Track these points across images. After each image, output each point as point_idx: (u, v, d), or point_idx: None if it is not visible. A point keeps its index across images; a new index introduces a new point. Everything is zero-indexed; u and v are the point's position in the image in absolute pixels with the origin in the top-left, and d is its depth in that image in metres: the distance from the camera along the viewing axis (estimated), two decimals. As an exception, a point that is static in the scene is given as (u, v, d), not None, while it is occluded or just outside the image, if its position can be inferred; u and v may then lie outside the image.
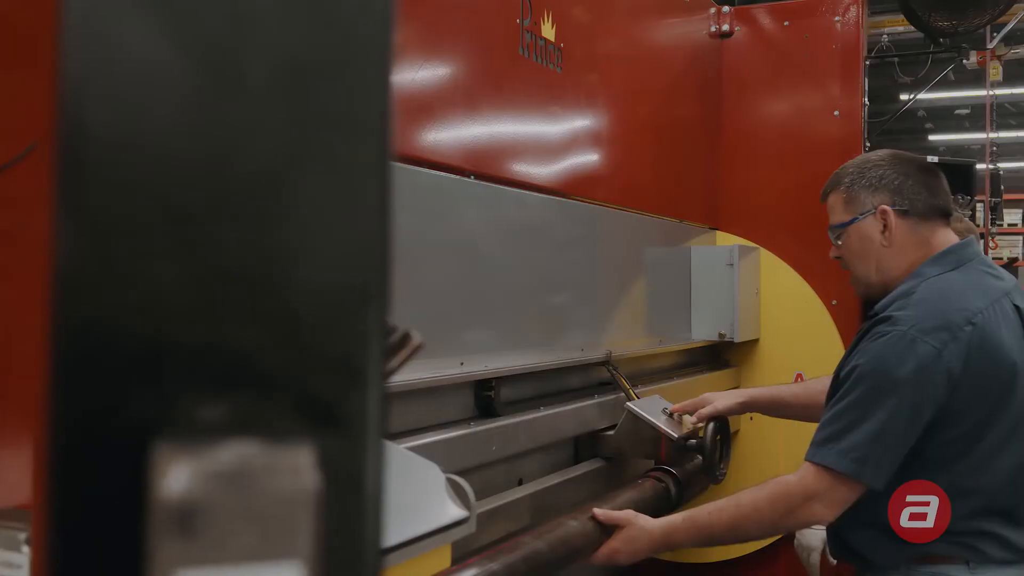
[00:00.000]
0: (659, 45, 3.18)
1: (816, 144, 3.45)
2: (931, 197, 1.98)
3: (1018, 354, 1.83)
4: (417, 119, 1.86)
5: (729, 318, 3.27)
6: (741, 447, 3.51)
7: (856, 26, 3.48)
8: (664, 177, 3.20)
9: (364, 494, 0.33)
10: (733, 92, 3.65)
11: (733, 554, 3.49)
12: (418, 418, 1.82)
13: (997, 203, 9.09)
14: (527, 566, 1.72)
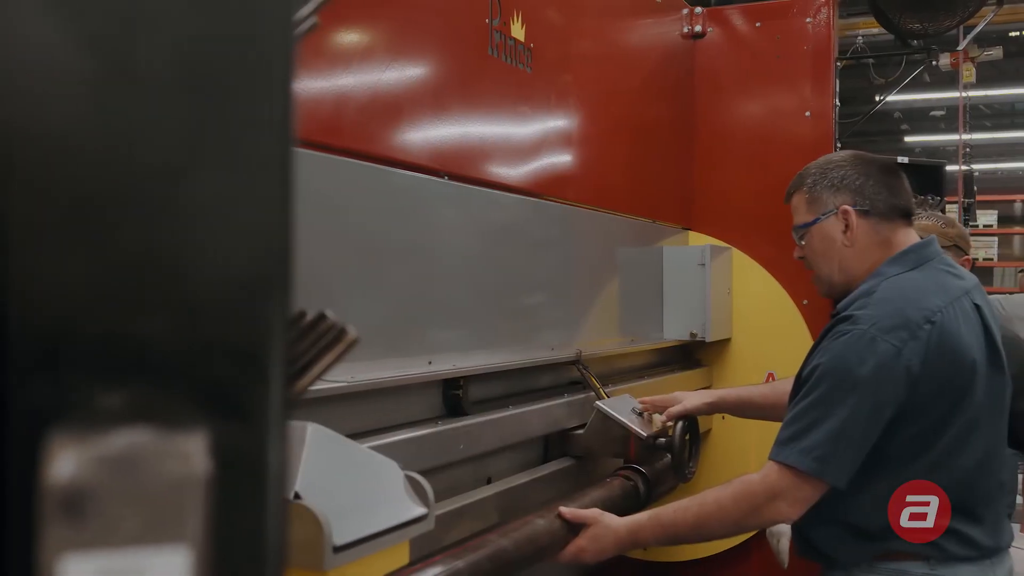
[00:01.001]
0: (631, 45, 3.19)
1: (788, 145, 3.47)
2: (892, 197, 2.00)
3: (977, 352, 1.85)
4: (385, 119, 1.86)
5: (701, 318, 3.28)
6: (712, 446, 3.53)
7: (827, 27, 3.51)
8: (637, 177, 3.22)
9: (265, 480, 0.33)
10: (706, 93, 3.67)
11: (705, 552, 3.51)
12: (385, 417, 1.82)
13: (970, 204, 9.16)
14: (492, 564, 1.72)
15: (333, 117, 1.72)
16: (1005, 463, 1.94)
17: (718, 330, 3.38)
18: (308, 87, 1.68)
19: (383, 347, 1.85)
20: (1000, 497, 1.91)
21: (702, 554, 3.52)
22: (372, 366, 1.78)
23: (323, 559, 0.95)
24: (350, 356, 1.76)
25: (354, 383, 1.66)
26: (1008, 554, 1.93)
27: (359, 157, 1.79)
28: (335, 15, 1.75)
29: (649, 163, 3.33)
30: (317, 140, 1.68)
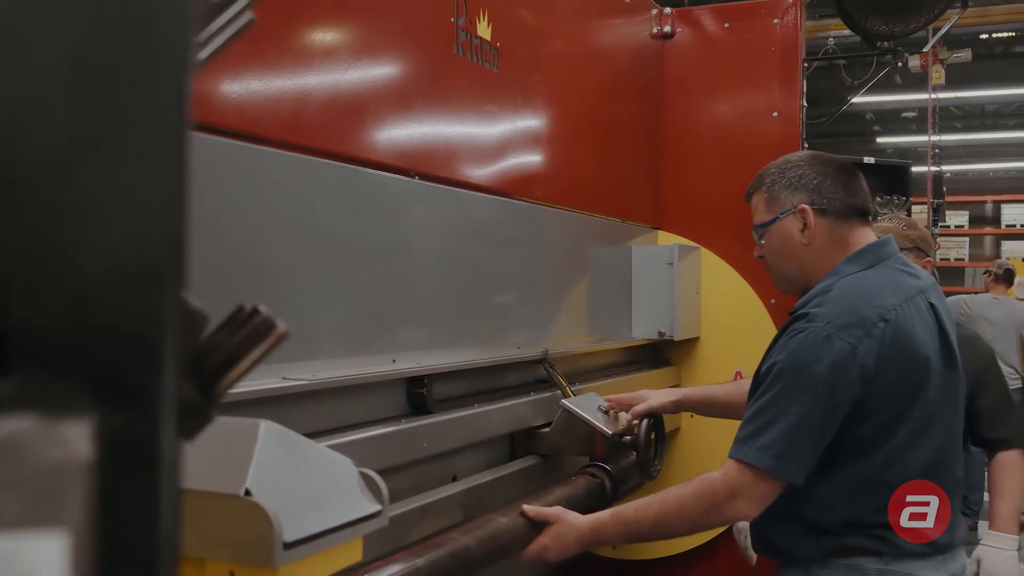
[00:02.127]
0: (599, 45, 3.20)
1: (755, 145, 3.50)
2: (849, 196, 2.02)
3: (931, 350, 1.87)
4: (349, 117, 1.86)
5: (669, 317, 3.30)
6: (681, 445, 3.55)
7: (795, 29, 3.54)
8: (606, 177, 3.23)
9: (156, 469, 0.34)
10: (675, 93, 3.69)
11: (674, 550, 3.53)
12: (348, 415, 1.82)
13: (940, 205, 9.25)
14: (454, 562, 1.73)
15: (294, 115, 1.72)
16: (960, 461, 1.96)
17: (686, 329, 3.40)
18: (273, 85, 1.68)
19: (347, 345, 1.85)
20: (955, 493, 1.93)
21: (671, 552, 3.54)
22: (335, 364, 1.78)
23: (273, 555, 0.95)
24: (313, 355, 1.77)
25: (315, 381, 1.66)
26: (961, 550, 1.95)
27: (324, 156, 1.79)
28: (299, 13, 1.74)
29: (618, 163, 3.34)
30: (279, 138, 1.68)
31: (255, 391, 1.55)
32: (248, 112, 1.63)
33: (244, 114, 1.62)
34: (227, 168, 1.56)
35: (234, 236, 1.58)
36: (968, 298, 7.63)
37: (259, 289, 1.63)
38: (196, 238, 1.29)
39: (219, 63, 1.57)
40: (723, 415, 2.51)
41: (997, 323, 7.00)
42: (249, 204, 1.61)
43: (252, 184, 1.62)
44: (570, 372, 2.86)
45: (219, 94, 1.57)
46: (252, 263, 1.62)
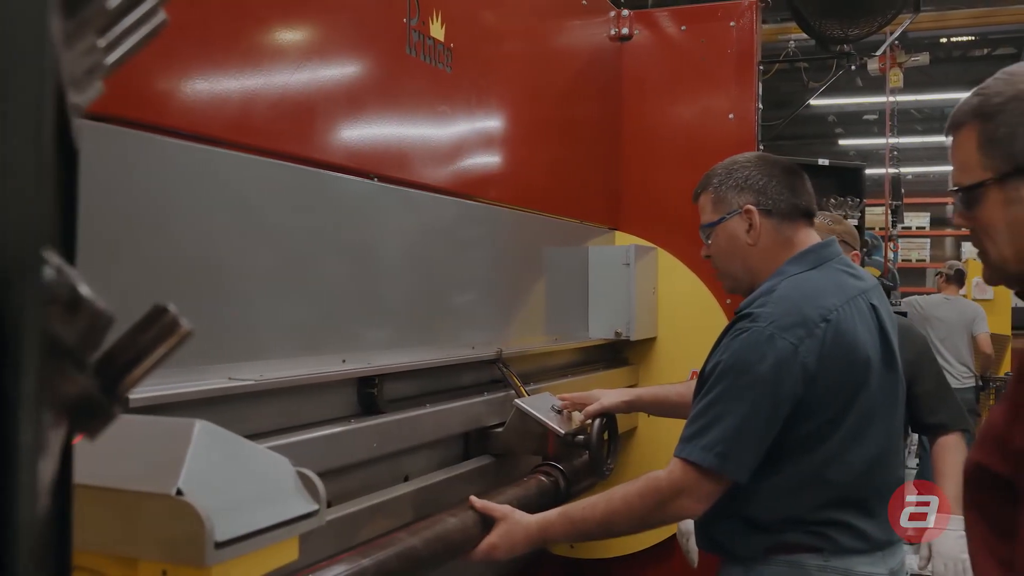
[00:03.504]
0: (555, 46, 3.22)
1: (712, 146, 3.52)
2: (793, 197, 2.05)
3: (872, 350, 1.90)
4: (297, 117, 1.86)
5: (625, 317, 3.33)
6: (638, 444, 3.57)
7: (750, 32, 3.57)
8: (563, 178, 3.25)
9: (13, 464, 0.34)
10: (633, 94, 3.71)
11: (631, 549, 3.55)
12: (297, 415, 1.82)
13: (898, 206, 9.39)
14: (400, 562, 1.73)
15: (241, 116, 1.71)
16: (901, 459, 2.00)
17: (643, 329, 3.42)
18: (221, 86, 1.68)
19: (296, 346, 1.85)
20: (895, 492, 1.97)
21: (628, 551, 3.57)
22: (283, 364, 1.78)
23: (204, 555, 0.96)
24: (261, 355, 1.76)
25: (262, 382, 1.66)
26: (900, 547, 1.99)
27: (273, 156, 1.79)
28: (247, 13, 1.74)
29: (576, 164, 3.36)
30: (227, 138, 1.68)
31: (200, 391, 1.54)
32: (196, 112, 1.63)
33: (192, 114, 1.61)
34: (174, 168, 1.56)
35: (181, 236, 1.57)
36: (921, 298, 7.76)
37: (205, 289, 1.62)
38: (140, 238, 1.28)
39: (170, 63, 1.56)
40: (675, 415, 2.53)
41: (948, 323, 7.13)
42: (196, 204, 1.61)
43: (199, 184, 1.62)
44: (527, 372, 2.88)
45: (167, 94, 1.57)
46: (199, 263, 1.61)
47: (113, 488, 0.99)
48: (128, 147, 1.48)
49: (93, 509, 0.99)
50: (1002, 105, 1.27)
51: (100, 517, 0.99)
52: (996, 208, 1.28)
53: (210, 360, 1.63)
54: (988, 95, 1.30)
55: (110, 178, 1.44)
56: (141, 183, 1.51)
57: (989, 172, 1.28)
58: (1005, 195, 1.27)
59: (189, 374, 1.57)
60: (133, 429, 1.09)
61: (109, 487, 0.99)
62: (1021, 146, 1.25)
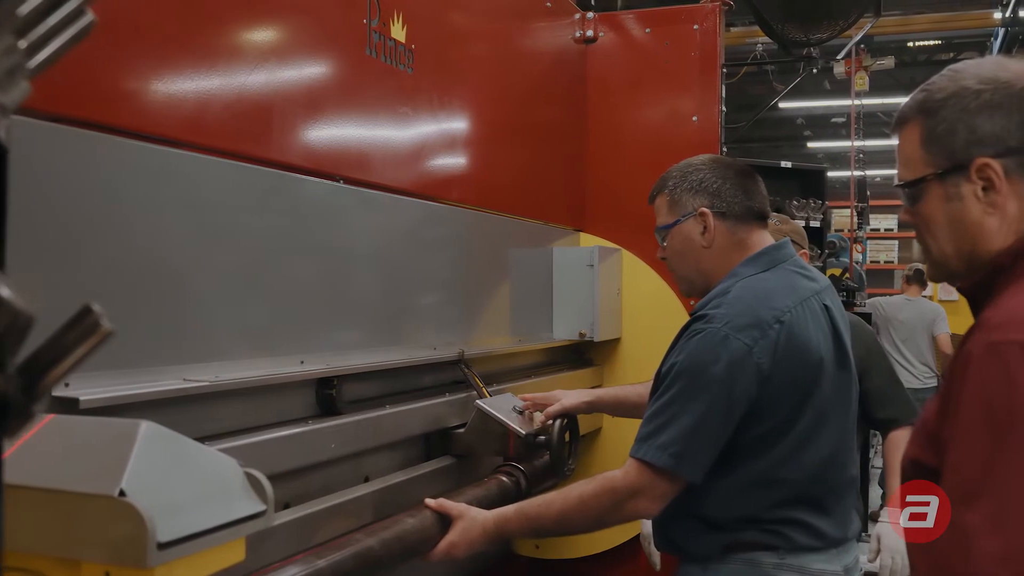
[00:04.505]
0: (519, 48, 3.23)
1: (676, 148, 3.54)
2: (748, 200, 2.07)
3: (825, 351, 1.92)
4: (254, 118, 1.85)
5: (590, 318, 3.34)
6: (603, 444, 3.59)
7: (714, 34, 3.60)
8: (527, 179, 3.26)
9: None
10: (598, 96, 3.73)
11: (597, 548, 3.56)
12: (254, 416, 1.81)
13: (864, 208, 9.50)
14: (357, 563, 1.74)
15: (197, 116, 1.71)
16: (855, 458, 2.02)
17: (607, 330, 3.44)
18: (180, 86, 1.67)
19: (253, 347, 1.84)
20: (849, 490, 1.99)
21: (594, 551, 3.58)
22: (240, 366, 1.78)
23: (146, 555, 0.96)
24: (216, 356, 1.76)
25: (217, 383, 1.66)
26: (854, 544, 2.01)
27: (229, 157, 1.78)
28: (204, 12, 1.74)
29: (540, 165, 3.37)
30: (182, 139, 1.67)
31: (154, 393, 1.54)
32: (153, 113, 1.62)
33: (148, 115, 1.61)
34: (128, 168, 1.55)
35: (135, 237, 1.57)
36: (883, 300, 7.85)
37: (160, 290, 1.62)
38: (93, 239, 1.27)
39: (126, 63, 1.56)
40: (635, 415, 2.53)
41: (909, 323, 7.22)
42: (151, 205, 1.60)
43: (154, 185, 1.61)
44: (491, 373, 2.88)
45: (123, 94, 1.56)
46: (154, 264, 1.60)
47: (56, 489, 0.99)
48: (82, 148, 1.47)
49: (36, 511, 0.98)
50: (944, 101, 1.29)
51: (43, 519, 0.99)
52: (937, 204, 1.30)
53: (165, 361, 1.62)
54: (932, 91, 1.32)
55: (64, 179, 1.44)
56: (94, 183, 1.50)
57: (930, 168, 1.30)
58: (945, 191, 1.29)
59: (143, 375, 1.56)
60: (78, 431, 1.08)
61: (52, 488, 0.99)
62: (960, 142, 1.26)
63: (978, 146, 1.26)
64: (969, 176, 1.26)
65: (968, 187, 1.27)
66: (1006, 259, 1.26)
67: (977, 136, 1.26)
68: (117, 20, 1.54)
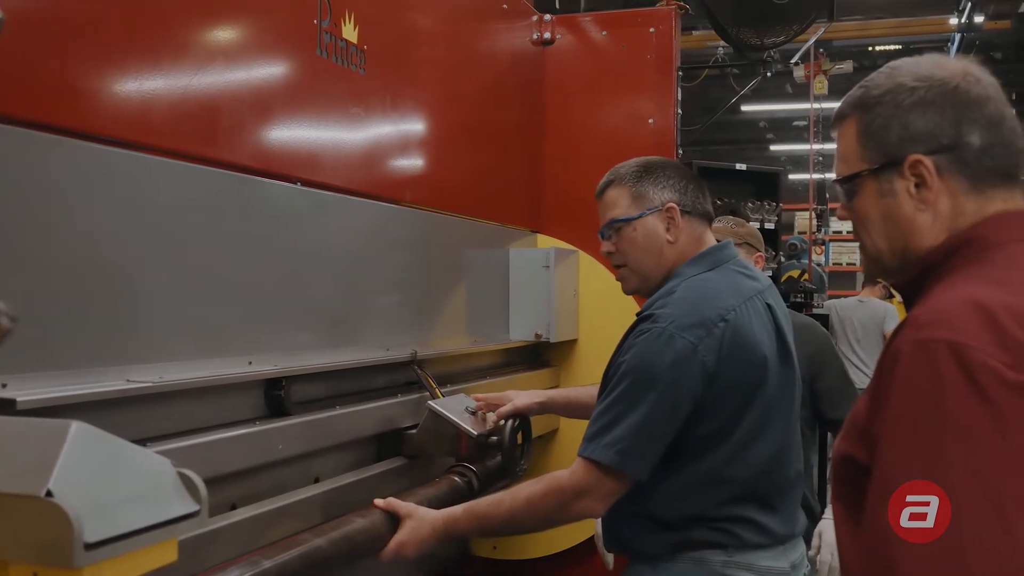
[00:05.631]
0: (475, 50, 3.23)
1: (632, 150, 3.51)
2: (704, 201, 2.10)
3: (768, 349, 1.95)
4: (201, 117, 1.85)
5: (546, 319, 3.35)
6: (560, 445, 3.60)
7: (669, 37, 3.63)
8: (483, 181, 3.26)
9: None
10: (555, 98, 3.75)
11: (555, 549, 3.58)
12: (199, 417, 1.80)
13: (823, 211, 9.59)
14: (304, 563, 1.73)
15: (141, 116, 1.70)
16: (800, 454, 2.05)
17: (563, 331, 3.45)
18: (121, 85, 1.66)
19: (200, 347, 1.83)
20: (795, 487, 2.02)
21: (551, 551, 3.60)
22: (185, 366, 1.77)
23: (73, 556, 0.95)
24: (161, 357, 1.75)
25: (161, 384, 1.65)
26: (800, 540, 2.04)
27: (175, 157, 1.77)
28: (148, 10, 1.73)
29: (497, 167, 3.38)
30: (125, 138, 1.66)
31: (96, 393, 1.53)
32: (94, 111, 1.61)
33: (89, 113, 1.60)
34: (69, 168, 1.54)
35: (76, 236, 1.55)
36: (838, 301, 7.95)
37: (102, 290, 1.60)
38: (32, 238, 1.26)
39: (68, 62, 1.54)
40: (587, 416, 2.53)
41: (863, 324, 7.31)
42: (93, 204, 1.59)
43: (95, 184, 1.60)
44: (447, 374, 2.88)
45: (61, 93, 1.55)
46: (96, 264, 1.59)
47: (-17, 490, 0.98)
48: (22, 147, 1.46)
49: (-38, 512, 0.98)
50: (879, 98, 1.30)
51: (-30, 520, 0.98)
52: (871, 200, 1.32)
53: (107, 362, 1.61)
54: (869, 88, 1.34)
55: (2, 178, 1.42)
56: (34, 183, 1.49)
57: (865, 164, 1.32)
58: (880, 187, 1.30)
59: (85, 376, 1.55)
60: (8, 431, 1.08)
61: (-22, 489, 0.98)
62: (894, 139, 1.28)
63: (911, 143, 1.27)
64: (902, 172, 1.28)
65: (901, 183, 1.29)
66: (937, 256, 1.28)
67: (910, 133, 1.27)
68: (60, 18, 1.54)
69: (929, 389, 1.10)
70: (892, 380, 1.14)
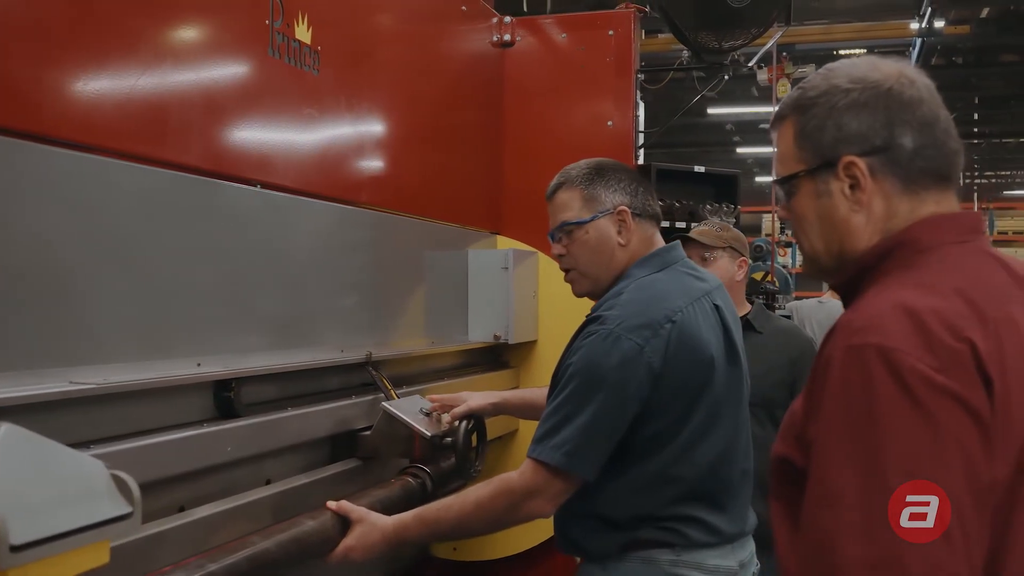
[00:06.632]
0: (433, 51, 3.23)
1: (591, 152, 3.47)
2: (653, 203, 2.12)
3: (715, 349, 1.96)
4: (145, 118, 1.83)
5: (504, 320, 3.36)
6: (518, 446, 3.60)
7: (628, 40, 3.65)
8: (442, 182, 3.26)
9: None
10: (515, 100, 3.76)
11: (514, 550, 3.58)
12: (146, 419, 1.79)
13: (785, 213, 9.64)
14: (251, 565, 1.72)
15: (85, 115, 1.69)
16: (749, 452, 2.06)
17: (522, 332, 3.46)
18: (64, 84, 1.65)
19: (147, 349, 1.82)
20: (743, 486, 2.03)
21: (510, 552, 3.60)
22: (131, 368, 1.76)
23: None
24: (106, 359, 1.73)
25: (105, 386, 1.63)
26: (750, 538, 2.05)
27: (121, 157, 1.76)
28: (93, 8, 1.71)
29: (455, 168, 3.38)
30: (68, 138, 1.65)
31: (37, 395, 1.51)
32: (35, 111, 1.60)
33: (29, 112, 1.58)
34: (9, 168, 1.53)
35: (17, 236, 1.54)
36: (799, 303, 8.03)
37: (45, 291, 1.59)
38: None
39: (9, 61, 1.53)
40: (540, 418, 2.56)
41: (820, 325, 7.39)
42: (33, 204, 1.57)
43: (36, 184, 1.58)
44: (406, 375, 2.88)
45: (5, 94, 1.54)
46: (38, 264, 1.58)
47: (-93, 493, 0.97)
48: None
49: None
50: (815, 99, 1.31)
51: None
52: (808, 201, 1.33)
53: (50, 363, 1.59)
54: (806, 89, 1.35)
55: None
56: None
57: (802, 164, 1.33)
58: (816, 188, 1.32)
59: (27, 378, 1.54)
60: (-65, 433, 1.06)
61: (-97, 492, 0.97)
62: (829, 140, 1.29)
63: (845, 144, 1.28)
64: (837, 173, 1.29)
65: (836, 184, 1.30)
66: (871, 259, 1.29)
67: (844, 134, 1.28)
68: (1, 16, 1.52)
69: (861, 393, 1.11)
70: (826, 384, 1.15)
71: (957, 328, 1.11)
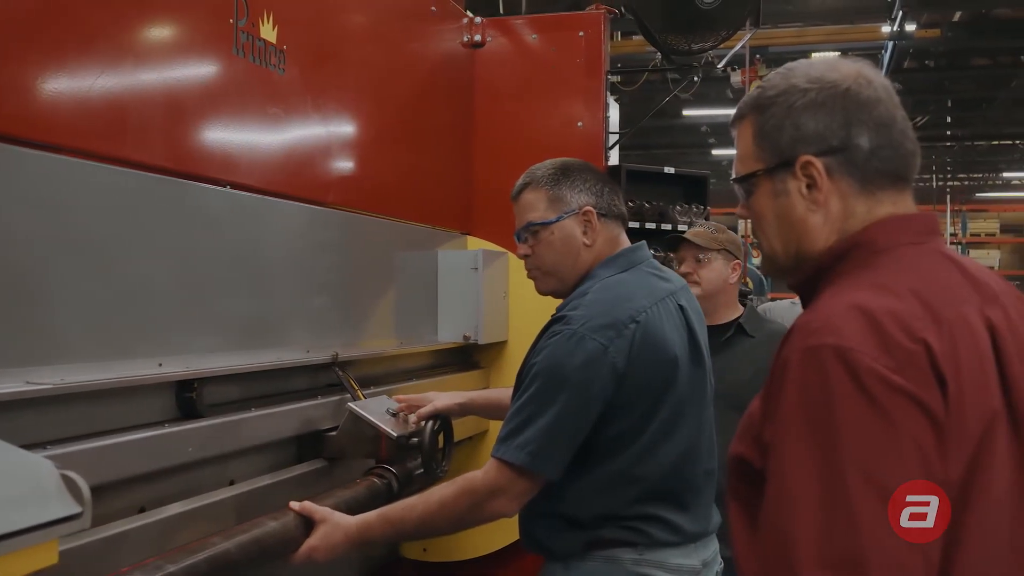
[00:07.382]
0: (402, 52, 3.22)
1: (561, 153, 3.47)
2: (619, 203, 2.12)
3: (679, 349, 1.97)
4: (111, 117, 1.82)
5: (474, 321, 3.36)
6: (489, 447, 3.57)
7: (598, 41, 3.66)
8: (412, 182, 3.25)
9: None
10: (486, 101, 3.75)
11: (485, 550, 3.58)
12: (105, 420, 1.77)
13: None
14: (211, 566, 1.71)
15: (44, 113, 1.67)
16: (713, 452, 2.07)
17: (492, 333, 3.46)
18: (24, 83, 1.64)
19: (107, 349, 1.80)
20: (707, 485, 2.04)
21: (480, 552, 3.60)
22: (90, 368, 1.74)
23: (-60, 560, 0.93)
24: (64, 359, 1.71)
25: (62, 386, 1.62)
26: (713, 537, 2.06)
27: (81, 156, 1.75)
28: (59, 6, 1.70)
29: (425, 169, 3.37)
30: (25, 136, 1.64)
31: (-8, 395, 1.50)
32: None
33: None
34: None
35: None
36: (771, 304, 8.06)
37: (3, 290, 1.57)
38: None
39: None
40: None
41: None
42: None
43: None
44: (374, 376, 2.87)
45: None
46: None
47: None
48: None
49: None
50: (774, 99, 1.32)
51: None
52: (766, 200, 1.34)
53: (6, 363, 1.58)
54: (765, 89, 1.35)
55: None
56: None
57: (760, 164, 1.33)
58: (774, 187, 1.32)
59: (-19, 378, 1.52)
60: None
61: None
62: (787, 139, 1.30)
63: (803, 143, 1.29)
64: (794, 173, 1.30)
65: (794, 184, 1.30)
66: (828, 259, 1.30)
67: (802, 134, 1.29)
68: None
69: (818, 392, 1.11)
70: (783, 384, 1.16)
71: (912, 329, 1.12)
